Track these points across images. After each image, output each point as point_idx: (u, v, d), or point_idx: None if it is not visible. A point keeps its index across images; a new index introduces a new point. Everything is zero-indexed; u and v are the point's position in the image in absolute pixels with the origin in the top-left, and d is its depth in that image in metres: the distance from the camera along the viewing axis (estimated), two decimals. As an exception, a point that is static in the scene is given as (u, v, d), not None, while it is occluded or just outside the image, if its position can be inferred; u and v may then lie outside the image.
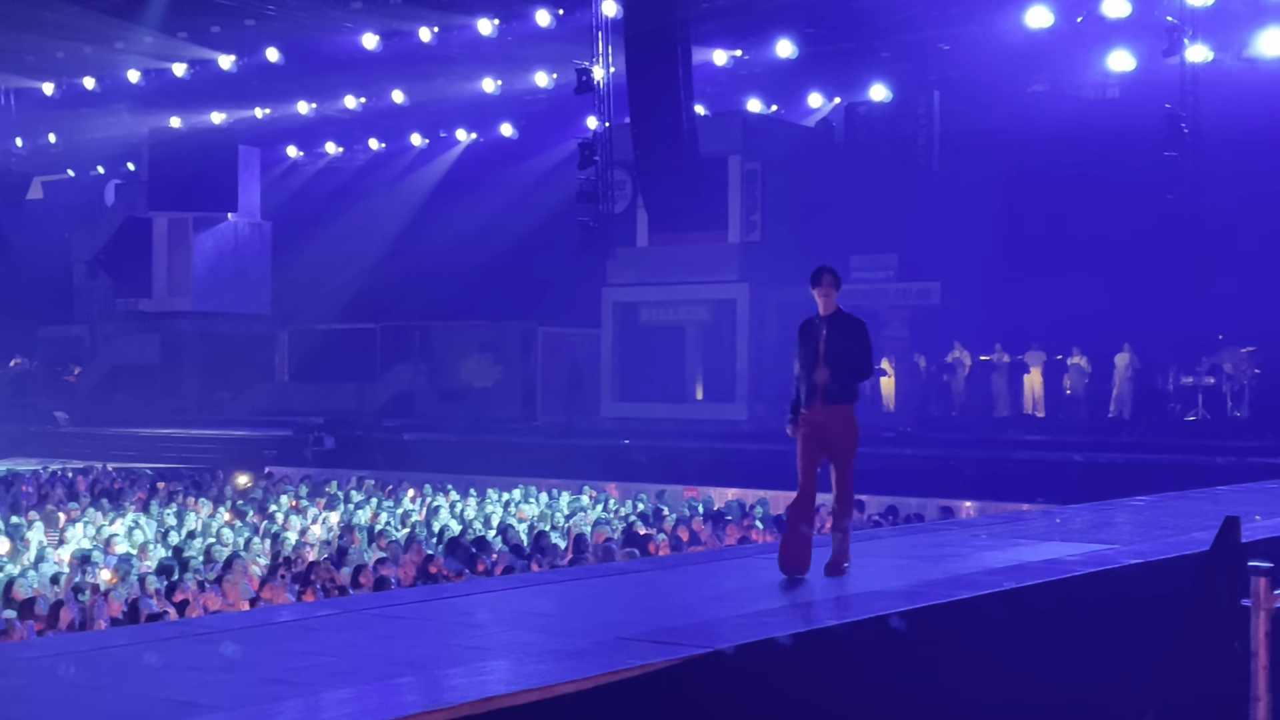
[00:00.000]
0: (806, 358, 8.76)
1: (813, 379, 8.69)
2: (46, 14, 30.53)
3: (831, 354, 8.64)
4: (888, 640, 7.25)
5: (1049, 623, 8.18)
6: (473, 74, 34.51)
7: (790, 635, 6.83)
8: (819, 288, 8.81)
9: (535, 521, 18.28)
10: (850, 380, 8.68)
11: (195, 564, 13.72)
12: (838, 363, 8.63)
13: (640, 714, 6.09)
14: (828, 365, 8.63)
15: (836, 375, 8.63)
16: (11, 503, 19.66)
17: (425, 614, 7.84)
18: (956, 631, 7.67)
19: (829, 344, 8.65)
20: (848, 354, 8.63)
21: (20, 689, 6.09)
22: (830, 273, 8.86)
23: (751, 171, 30.39)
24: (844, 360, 8.62)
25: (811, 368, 8.69)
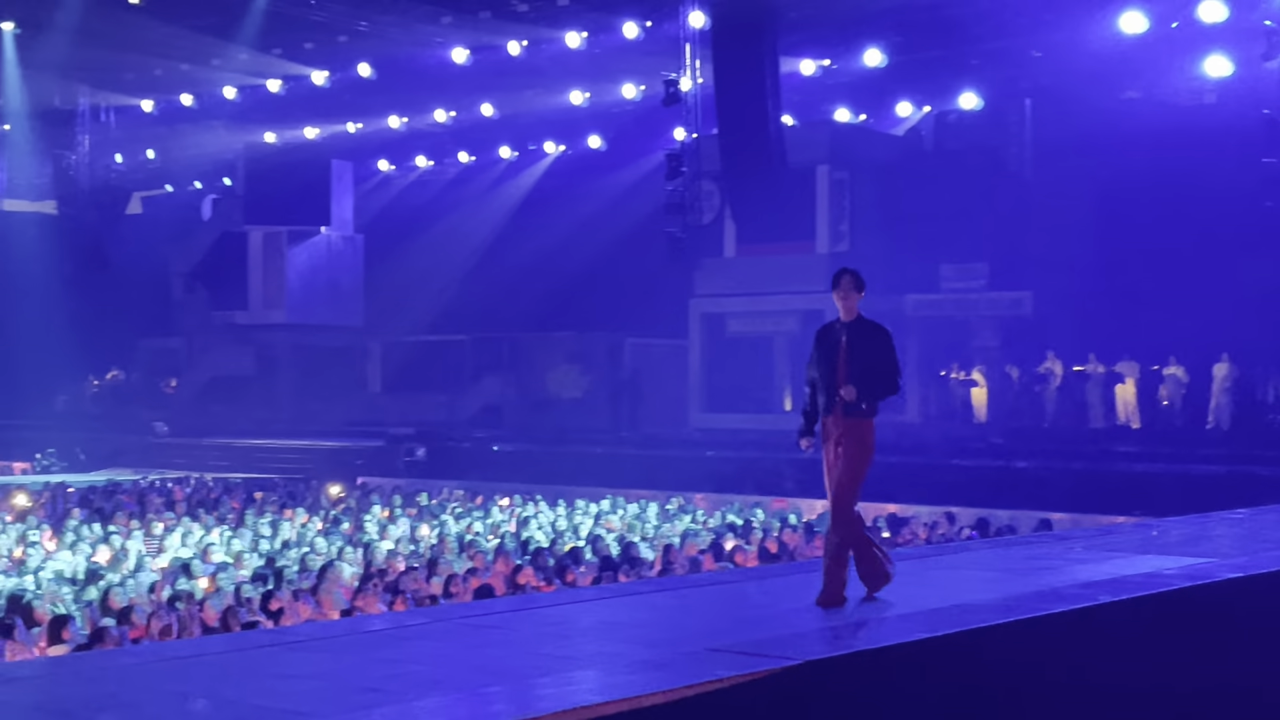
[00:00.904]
0: (825, 366, 8.26)
1: (832, 389, 8.21)
2: (146, 33, 31.18)
3: (853, 364, 8.17)
4: (979, 655, 7.17)
5: (1145, 637, 8.05)
6: (561, 86, 34.70)
7: (879, 648, 6.79)
8: (838, 290, 8.34)
9: (624, 532, 18.32)
10: (872, 393, 8.20)
11: (289, 573, 13.90)
12: (858, 374, 8.14)
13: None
14: (848, 376, 8.15)
15: (858, 384, 8.13)
16: (112, 512, 20.05)
17: (514, 624, 7.88)
18: (1050, 646, 7.56)
19: (849, 353, 8.19)
20: (871, 366, 8.17)
21: (117, 695, 6.22)
22: (850, 275, 8.41)
23: (840, 181, 30.25)
24: (866, 372, 8.15)
25: (831, 377, 8.21)
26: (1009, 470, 22.23)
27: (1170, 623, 8.23)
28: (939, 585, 9.07)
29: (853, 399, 8.13)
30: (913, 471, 22.62)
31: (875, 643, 6.86)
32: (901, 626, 7.31)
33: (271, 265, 38.77)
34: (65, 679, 6.73)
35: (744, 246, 30.67)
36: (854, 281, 8.37)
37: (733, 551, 15.18)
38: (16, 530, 17.36)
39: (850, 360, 8.17)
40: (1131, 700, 7.69)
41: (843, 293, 8.33)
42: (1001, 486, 21.17)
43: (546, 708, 5.63)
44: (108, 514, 19.77)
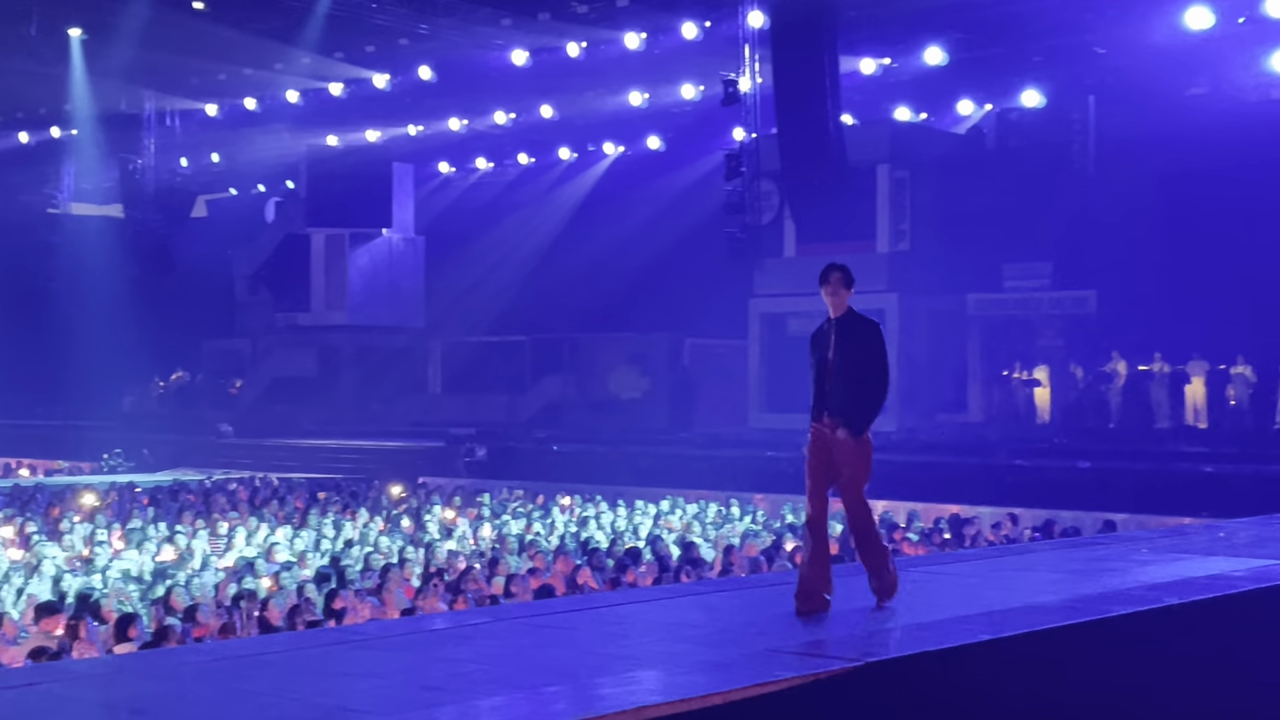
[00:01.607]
0: (817, 367, 7.97)
1: (822, 388, 7.90)
2: (209, 38, 31.53)
3: (841, 363, 7.86)
4: (1043, 657, 7.11)
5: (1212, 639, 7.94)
6: (620, 87, 34.73)
7: (943, 649, 6.74)
8: (825, 286, 8.03)
9: (683, 533, 18.31)
10: (858, 393, 7.82)
11: (352, 573, 14.01)
12: (846, 372, 7.83)
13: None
14: (835, 375, 7.84)
15: (843, 386, 7.82)
16: (178, 511, 20.29)
17: (575, 623, 7.89)
18: (1115, 648, 7.48)
19: (838, 351, 7.88)
20: (858, 366, 7.82)
21: (183, 693, 6.29)
22: (838, 270, 8.06)
23: (900, 180, 30.08)
24: (852, 371, 7.81)
25: (821, 378, 7.91)
26: (1073, 471, 22.03)
27: (1238, 625, 8.11)
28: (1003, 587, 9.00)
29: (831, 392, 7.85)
30: (975, 472, 22.47)
31: (938, 644, 6.81)
32: (965, 628, 7.25)
33: (334, 267, 39.08)
34: (131, 677, 6.81)
35: (804, 246, 30.56)
36: (843, 278, 8.07)
37: (793, 552, 15.13)
38: (85, 529, 17.60)
39: (839, 359, 7.87)
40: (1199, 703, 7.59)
41: (831, 289, 8.03)
42: (1066, 487, 20.99)
43: (607, 707, 5.63)
44: (174, 513, 20.01)
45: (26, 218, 41.22)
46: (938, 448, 25.20)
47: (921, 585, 8.77)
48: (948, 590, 9.09)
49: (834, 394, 7.85)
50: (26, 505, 20.78)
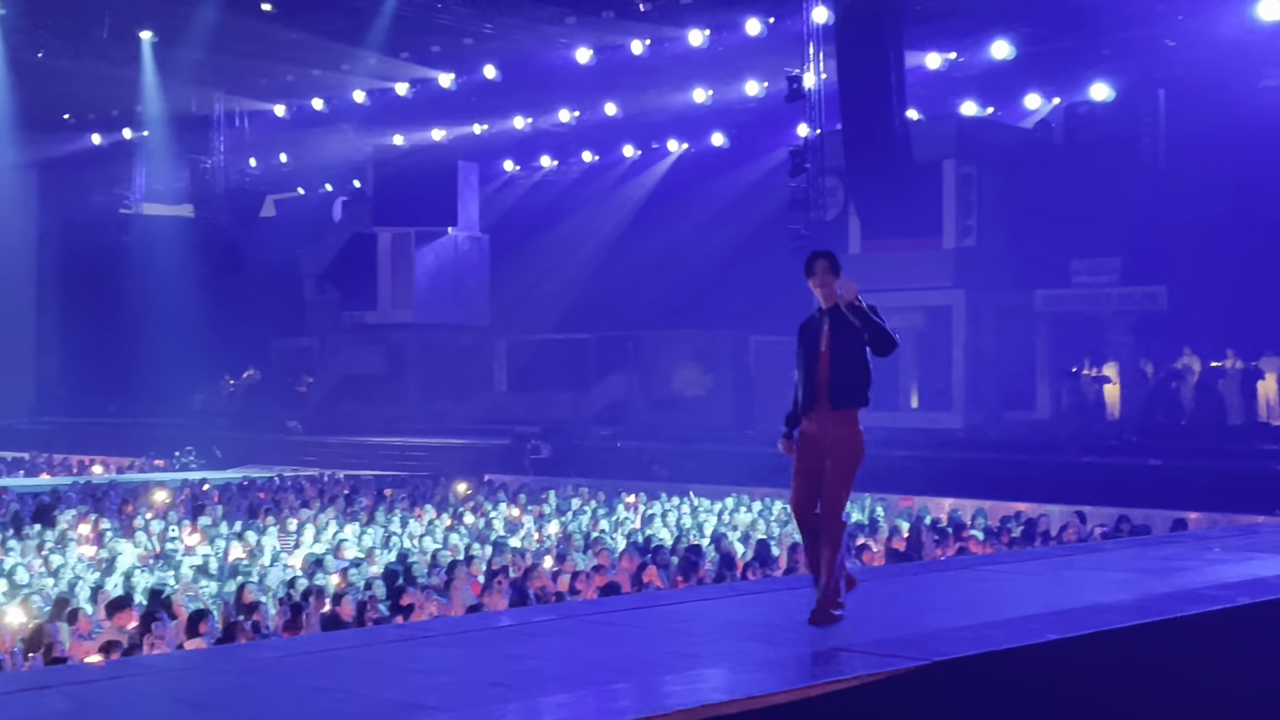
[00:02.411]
0: (808, 359, 7.59)
1: (814, 379, 7.53)
2: (278, 40, 31.87)
3: (837, 352, 7.51)
4: (1112, 657, 7.04)
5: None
6: (684, 85, 34.71)
7: (1010, 649, 6.69)
8: (813, 278, 7.65)
9: (749, 530, 18.28)
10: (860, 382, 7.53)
11: (418, 570, 14.11)
12: (845, 360, 7.49)
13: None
14: (832, 366, 7.48)
15: (842, 375, 7.50)
16: (248, 508, 20.53)
17: (640, 621, 7.91)
18: (1186, 649, 7.39)
19: (833, 338, 7.53)
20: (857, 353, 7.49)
21: (253, 688, 6.37)
22: (825, 259, 7.69)
23: (967, 175, 29.84)
24: (853, 357, 7.49)
25: (813, 368, 7.55)
26: (1143, 468, 21.76)
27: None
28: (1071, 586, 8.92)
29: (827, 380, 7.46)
30: (1043, 470, 22.27)
31: (1006, 643, 6.77)
32: (1033, 627, 7.19)
33: (400, 266, 39.36)
34: (202, 672, 6.91)
35: (869, 243, 30.39)
36: (829, 266, 7.68)
37: (859, 550, 15.07)
38: (157, 526, 17.85)
39: (834, 348, 7.52)
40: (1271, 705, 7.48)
41: (819, 279, 7.65)
42: (1136, 485, 20.74)
43: (672, 705, 5.64)
44: (244, 510, 20.26)
45: (100, 218, 41.85)
46: (1005, 445, 24.99)
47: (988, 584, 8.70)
48: (1015, 589, 9.03)
49: (833, 391, 7.50)
50: (100, 502, 21.10)
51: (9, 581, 13.51)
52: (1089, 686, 6.92)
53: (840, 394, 7.51)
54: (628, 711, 5.58)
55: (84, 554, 15.53)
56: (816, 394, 7.53)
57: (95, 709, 6.04)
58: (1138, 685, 7.12)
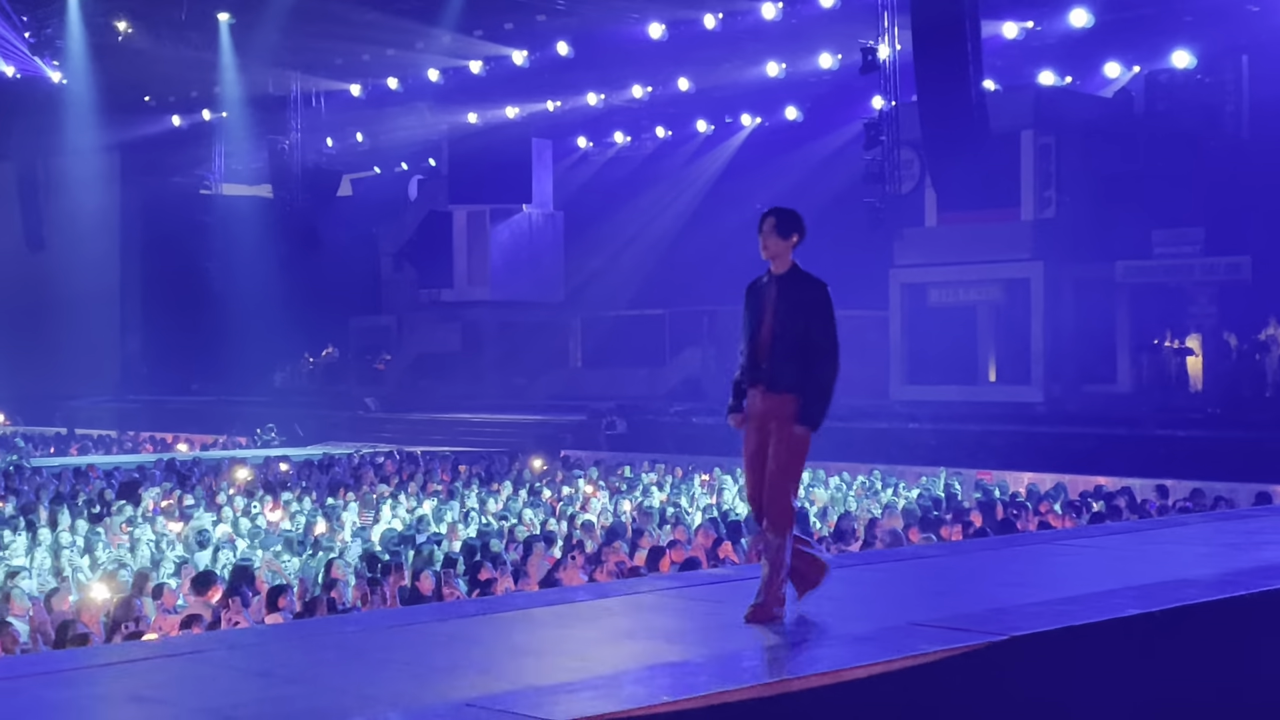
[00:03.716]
0: (751, 328, 6.82)
1: (756, 352, 6.79)
2: (353, 19, 32.10)
3: (777, 330, 6.74)
4: (1193, 632, 6.96)
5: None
6: (757, 58, 34.53)
7: (1089, 624, 6.63)
8: (760, 235, 6.83)
9: (826, 505, 18.24)
10: (801, 363, 6.74)
11: (496, 545, 14.21)
12: (785, 345, 6.73)
13: (932, 700, 6.03)
14: (774, 342, 6.73)
15: (782, 354, 6.72)
16: (329, 484, 20.78)
17: (717, 596, 7.92)
18: (1269, 624, 7.29)
19: (777, 313, 6.74)
20: (802, 332, 6.75)
21: (332, 661, 6.47)
22: (771, 215, 6.83)
23: (1045, 146, 29.45)
24: (793, 343, 6.74)
25: (755, 338, 6.79)
26: (1226, 441, 21.43)
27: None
28: (1153, 560, 8.81)
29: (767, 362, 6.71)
30: (1125, 443, 22.01)
31: (1084, 619, 6.71)
32: (1112, 602, 7.12)
33: (475, 243, 39.57)
34: (283, 646, 7.01)
35: (945, 215, 30.13)
36: (776, 224, 6.82)
37: (936, 525, 14.98)
38: (240, 502, 18.13)
39: (777, 322, 6.74)
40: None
41: (763, 239, 6.81)
42: (1219, 458, 20.42)
43: (749, 679, 5.66)
44: (324, 487, 20.51)
45: (180, 199, 42.47)
46: (1085, 419, 24.72)
47: (1067, 559, 8.63)
48: (1095, 564, 8.94)
49: (772, 370, 6.75)
50: (184, 479, 21.46)
51: (95, 557, 13.79)
52: (1170, 662, 6.85)
53: (779, 376, 6.75)
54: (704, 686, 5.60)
55: (168, 530, 15.80)
56: (758, 369, 6.80)
57: (185, 681, 6.16)
58: (1220, 662, 7.04)
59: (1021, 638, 6.33)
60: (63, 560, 13.45)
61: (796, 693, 5.59)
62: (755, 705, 5.45)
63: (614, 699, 5.38)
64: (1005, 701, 6.27)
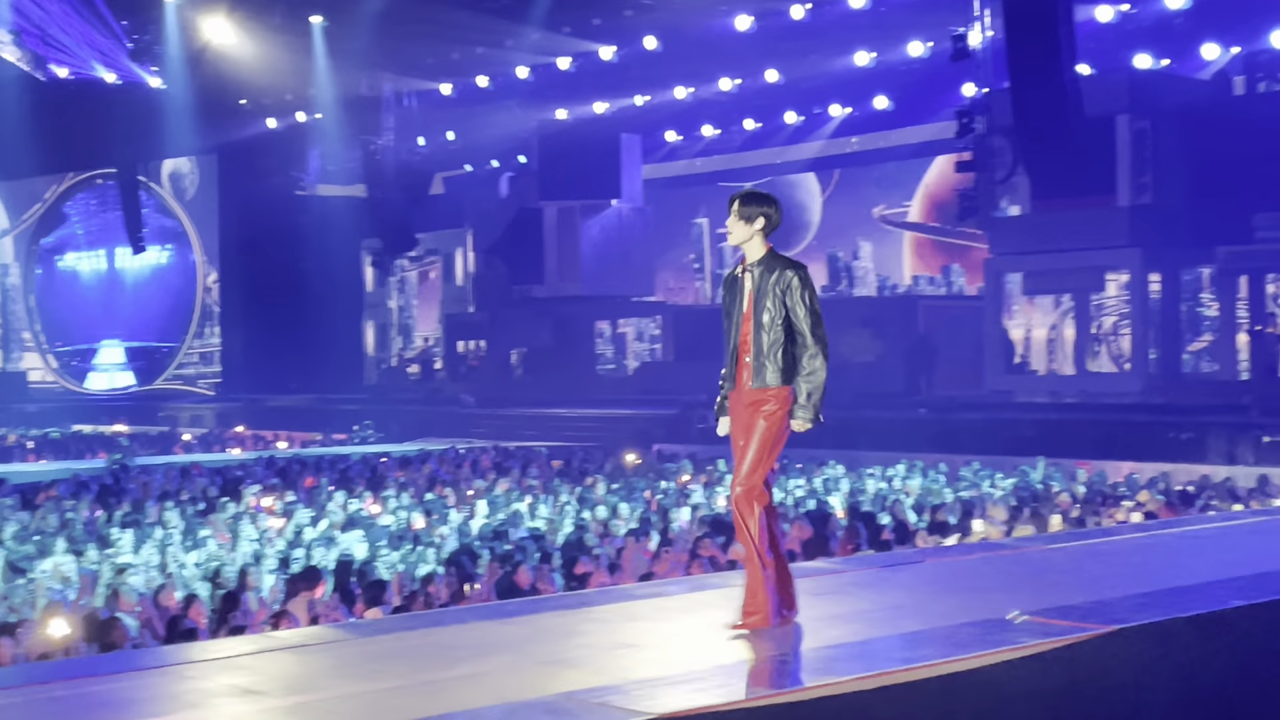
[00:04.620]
0: (728, 321, 6.48)
1: (734, 347, 6.45)
2: (443, 19, 32.42)
3: (759, 317, 6.36)
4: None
5: None
6: (845, 48, 34.34)
7: (1194, 615, 6.54)
8: (728, 220, 6.46)
9: (921, 497, 18.11)
10: (787, 355, 6.35)
11: (590, 539, 14.29)
12: (768, 334, 6.35)
13: (1031, 693, 5.98)
14: (753, 338, 6.37)
15: (765, 347, 6.36)
16: (426, 480, 21.01)
17: (813, 589, 7.91)
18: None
19: (755, 303, 6.37)
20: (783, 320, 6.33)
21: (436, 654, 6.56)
22: (737, 199, 6.46)
23: (1141, 130, 28.95)
24: (775, 332, 6.34)
25: (732, 333, 6.45)
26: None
27: None
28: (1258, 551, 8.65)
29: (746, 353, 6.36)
30: (1227, 431, 21.62)
31: (1189, 610, 6.62)
32: (1217, 594, 7.01)
33: (565, 239, 39.71)
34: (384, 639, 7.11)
35: (1039, 202, 29.73)
36: (738, 208, 6.43)
37: (1034, 516, 14.82)
38: (341, 497, 18.38)
39: (756, 313, 6.37)
40: None
41: (728, 226, 6.46)
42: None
43: (845, 672, 5.66)
44: (422, 482, 20.74)
45: (276, 200, 43.07)
46: (1185, 407, 24.29)
47: (1169, 550, 8.50)
48: (1197, 554, 8.81)
49: (755, 365, 6.38)
50: (285, 476, 21.81)
51: (199, 554, 14.07)
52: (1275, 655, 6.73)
53: (762, 371, 6.38)
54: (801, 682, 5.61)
55: (270, 526, 16.08)
56: (737, 365, 6.47)
57: (282, 676, 6.29)
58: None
59: (1124, 630, 6.26)
60: (168, 557, 13.75)
61: (893, 686, 5.57)
62: (851, 699, 5.45)
63: (711, 693, 5.41)
64: (1107, 695, 6.20)
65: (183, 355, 47.90)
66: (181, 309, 47.93)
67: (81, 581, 12.39)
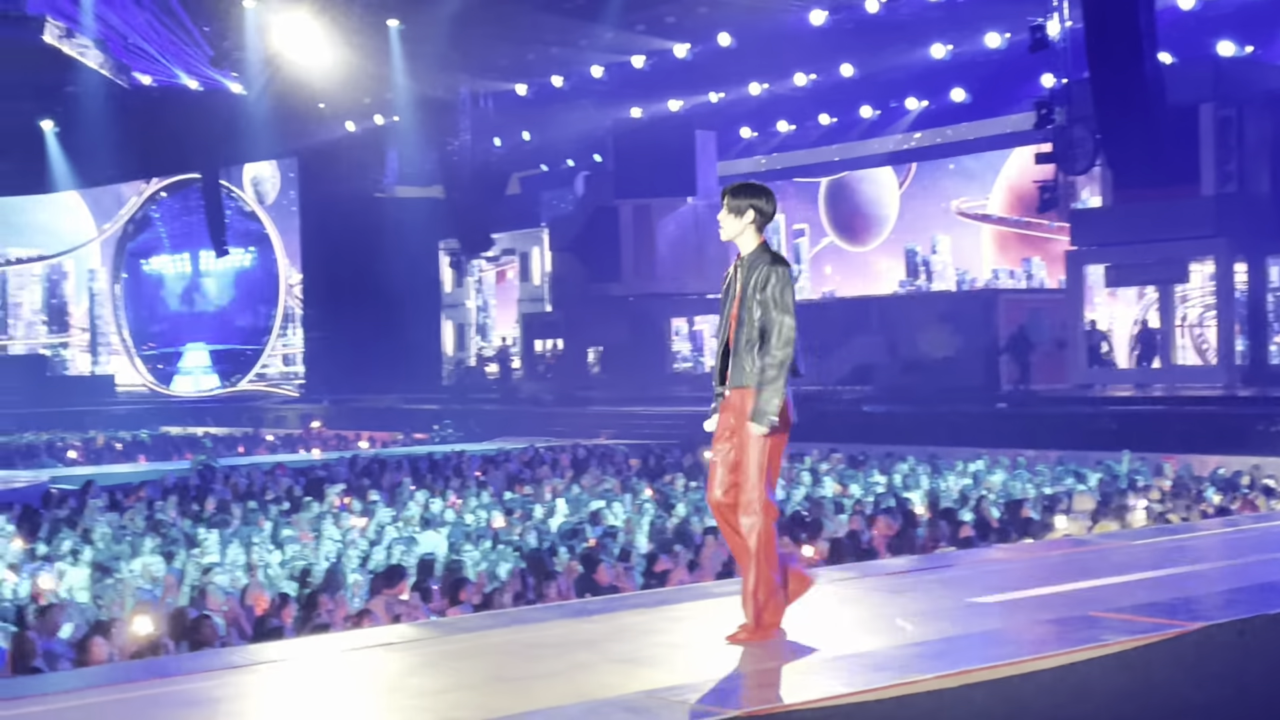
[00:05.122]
0: (722, 319, 6.36)
1: (723, 345, 6.34)
2: (517, 19, 32.59)
3: (742, 314, 6.21)
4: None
5: None
6: (921, 40, 34.09)
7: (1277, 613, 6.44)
8: (719, 214, 6.38)
9: (1002, 493, 17.93)
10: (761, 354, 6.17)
11: (671, 538, 14.29)
12: (746, 327, 6.19)
13: (1113, 691, 5.91)
14: (736, 330, 6.21)
15: (743, 345, 6.21)
16: (505, 479, 21.14)
17: (895, 587, 7.88)
18: None
19: (741, 299, 6.24)
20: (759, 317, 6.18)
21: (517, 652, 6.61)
22: (733, 191, 6.35)
23: (1225, 119, 28.45)
24: (751, 324, 6.20)
25: (722, 331, 6.36)
26: None
27: None
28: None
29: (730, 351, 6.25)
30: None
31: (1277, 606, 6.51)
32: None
33: (641, 237, 39.77)
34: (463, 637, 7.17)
35: (1121, 193, 29.32)
36: (730, 201, 6.33)
37: (1118, 510, 14.63)
38: (422, 496, 18.53)
39: (740, 310, 6.24)
40: None
41: (720, 220, 6.38)
42: None
43: (927, 670, 5.63)
44: (501, 481, 20.87)
45: (355, 203, 43.49)
46: (1273, 399, 23.86)
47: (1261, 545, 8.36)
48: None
49: (735, 363, 6.26)
50: (368, 475, 22.03)
51: (284, 553, 14.26)
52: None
53: (740, 369, 6.24)
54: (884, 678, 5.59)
55: (352, 525, 16.25)
56: (725, 363, 6.34)
57: (367, 674, 6.36)
58: None
59: (1214, 626, 6.18)
60: (254, 556, 13.93)
61: (977, 684, 5.54)
62: (931, 698, 5.42)
63: (794, 691, 5.41)
64: (1192, 693, 6.12)
65: (265, 357, 48.61)
66: (264, 311, 48.64)
67: (169, 581, 12.59)
